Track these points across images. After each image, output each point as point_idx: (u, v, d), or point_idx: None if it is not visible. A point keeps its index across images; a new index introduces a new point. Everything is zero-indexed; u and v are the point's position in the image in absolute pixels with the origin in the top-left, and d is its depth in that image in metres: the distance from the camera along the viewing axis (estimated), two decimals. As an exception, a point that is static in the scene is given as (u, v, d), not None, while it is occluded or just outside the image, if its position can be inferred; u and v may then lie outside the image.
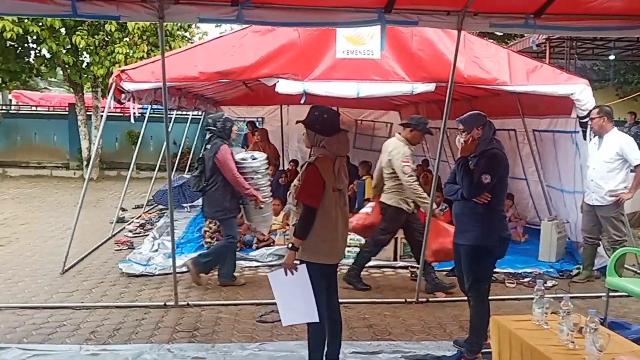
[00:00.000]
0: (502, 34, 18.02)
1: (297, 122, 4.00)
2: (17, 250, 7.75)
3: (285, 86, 6.86)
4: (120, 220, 9.57)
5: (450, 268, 6.40)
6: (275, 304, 3.98)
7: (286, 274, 3.81)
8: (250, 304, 5.62)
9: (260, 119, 15.40)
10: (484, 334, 4.25)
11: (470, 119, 4.28)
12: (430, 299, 5.82)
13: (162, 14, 4.56)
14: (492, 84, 6.80)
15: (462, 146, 4.24)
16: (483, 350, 4.30)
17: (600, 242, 6.52)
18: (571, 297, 5.70)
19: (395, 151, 5.95)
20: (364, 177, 9.66)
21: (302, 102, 7.12)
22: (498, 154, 4.18)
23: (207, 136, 6.19)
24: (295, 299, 3.84)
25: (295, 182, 3.92)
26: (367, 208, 6.71)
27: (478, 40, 6.92)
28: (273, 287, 3.92)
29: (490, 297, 4.45)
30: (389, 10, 4.76)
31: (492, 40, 8.01)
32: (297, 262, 3.82)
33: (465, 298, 4.52)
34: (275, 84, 6.89)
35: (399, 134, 6.15)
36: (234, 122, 6.14)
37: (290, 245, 3.85)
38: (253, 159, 6.54)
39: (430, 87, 6.79)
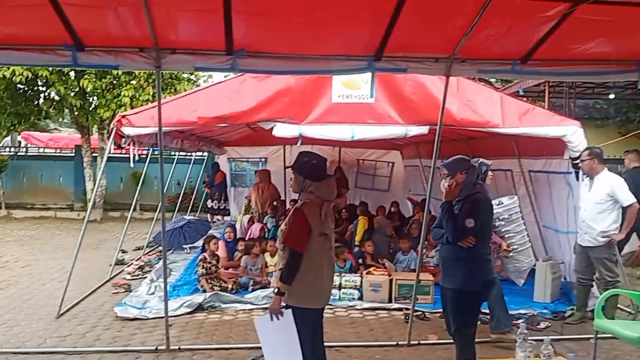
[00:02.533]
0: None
1: (286, 167, 4.10)
2: (15, 293, 7.75)
3: (282, 130, 7.03)
4: (120, 262, 9.54)
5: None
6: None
7: (272, 319, 3.81)
8: (241, 348, 5.57)
9: (263, 159, 15.64)
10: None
11: (454, 163, 4.36)
12: (421, 342, 5.77)
13: (159, 63, 4.70)
14: (485, 127, 6.91)
15: (446, 191, 4.29)
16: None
17: (593, 283, 6.47)
18: (563, 339, 5.80)
19: None
20: (359, 218, 9.70)
21: (298, 144, 7.26)
22: (482, 198, 4.25)
23: None
24: (280, 344, 3.86)
25: (282, 226, 3.99)
26: None
27: (472, 84, 7.07)
28: (259, 333, 3.95)
29: (481, 340, 4.44)
30: (379, 58, 4.87)
31: (485, 84, 8.15)
32: (283, 306, 3.85)
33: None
34: (272, 128, 7.05)
35: None
36: (489, 165, 4.73)
37: (276, 290, 3.88)
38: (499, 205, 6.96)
39: (424, 129, 6.94)
